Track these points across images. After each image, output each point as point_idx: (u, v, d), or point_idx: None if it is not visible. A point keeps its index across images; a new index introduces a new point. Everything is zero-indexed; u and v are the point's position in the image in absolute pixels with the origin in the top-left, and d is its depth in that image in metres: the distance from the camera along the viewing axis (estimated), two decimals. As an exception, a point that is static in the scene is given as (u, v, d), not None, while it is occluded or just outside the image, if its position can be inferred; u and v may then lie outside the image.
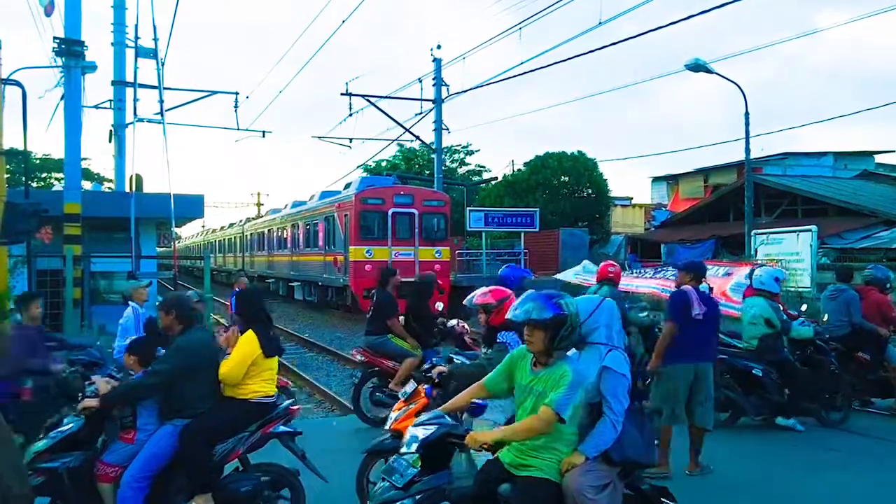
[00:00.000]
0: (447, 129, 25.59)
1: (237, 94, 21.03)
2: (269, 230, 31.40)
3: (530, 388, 3.49)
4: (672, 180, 37.69)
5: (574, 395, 3.34)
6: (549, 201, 32.05)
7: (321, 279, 23.35)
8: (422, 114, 25.44)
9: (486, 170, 44.78)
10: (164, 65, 14.44)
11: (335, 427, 8.13)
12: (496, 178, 37.70)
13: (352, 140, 26.94)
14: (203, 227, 56.04)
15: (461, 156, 44.53)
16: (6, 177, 9.66)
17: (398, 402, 5.29)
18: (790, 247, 14.76)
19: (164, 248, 24.74)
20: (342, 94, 24.83)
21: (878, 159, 35.33)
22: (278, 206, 34.28)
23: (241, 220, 40.70)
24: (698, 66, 17.18)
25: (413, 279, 10.71)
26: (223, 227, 46.30)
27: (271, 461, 4.80)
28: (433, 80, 24.88)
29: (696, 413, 5.95)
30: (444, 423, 3.59)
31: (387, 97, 25.59)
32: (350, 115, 25.40)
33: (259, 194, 64.50)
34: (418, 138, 26.95)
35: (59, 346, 6.80)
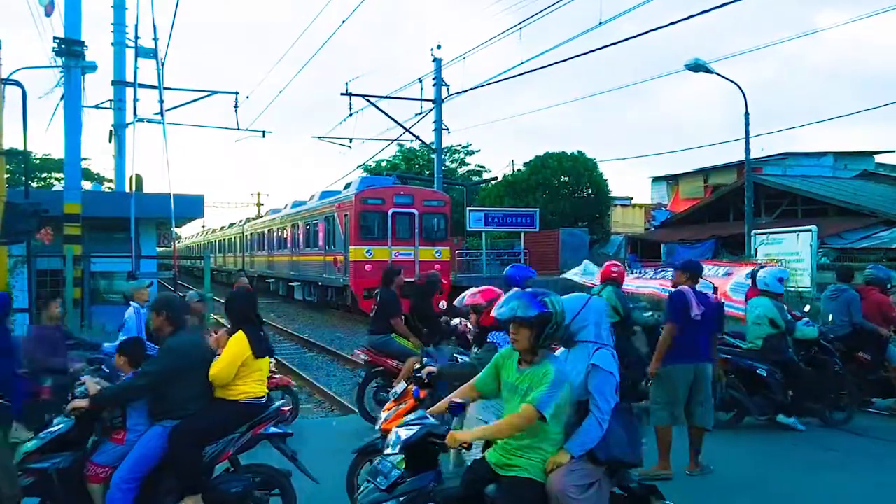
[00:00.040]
0: (447, 129, 25.60)
1: (237, 94, 21.12)
2: (269, 230, 31.40)
3: (516, 386, 3.47)
4: (672, 180, 37.71)
5: (556, 393, 3.31)
6: (549, 201, 32.06)
7: (321, 279, 23.35)
8: (422, 114, 25.46)
9: (486, 170, 44.82)
10: (164, 65, 14.47)
11: (335, 427, 8.13)
12: (496, 178, 37.73)
13: (352, 140, 26.99)
14: (203, 227, 56.11)
15: (461, 156, 44.55)
16: (6, 177, 9.66)
17: (389, 402, 5.30)
18: (790, 247, 14.74)
19: (164, 248, 24.78)
20: (342, 94, 24.86)
21: (878, 159, 35.37)
22: (278, 206, 34.31)
23: (241, 220, 40.70)
24: (698, 66, 17.18)
25: (413, 279, 10.71)
26: (223, 227, 46.29)
27: (263, 462, 4.79)
28: (433, 80, 24.88)
29: (696, 413, 5.95)
30: (427, 424, 3.58)
31: (387, 97, 25.61)
32: (350, 115, 25.45)
33: (259, 194, 64.62)
34: (418, 138, 26.96)
35: (78, 346, 6.83)
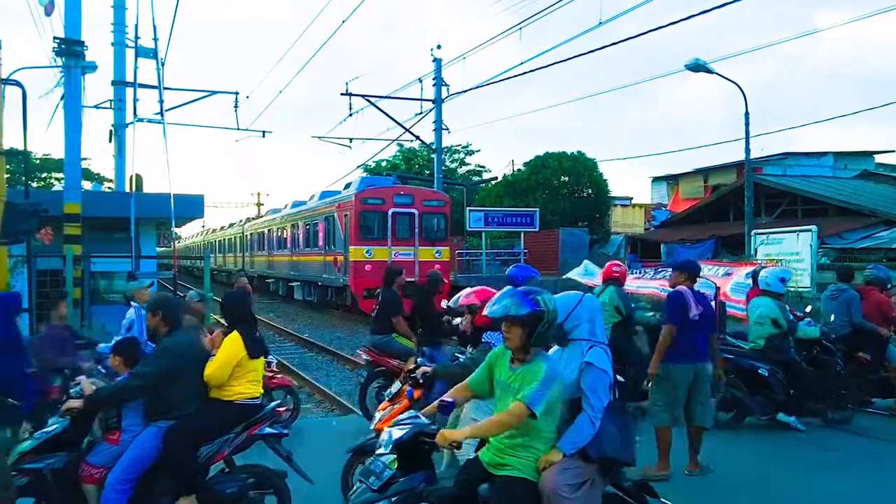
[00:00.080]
0: (447, 129, 25.60)
1: (237, 94, 21.04)
2: (269, 230, 31.40)
3: (508, 384, 3.46)
4: (672, 180, 37.72)
5: (547, 391, 3.29)
6: (549, 201, 32.08)
7: (321, 279, 23.35)
8: (422, 114, 25.46)
9: (486, 170, 44.85)
10: (164, 65, 14.43)
11: (335, 427, 8.13)
12: (496, 178, 37.74)
13: (352, 140, 27.00)
14: (203, 227, 56.11)
15: (461, 156, 44.57)
16: (6, 177, 9.65)
17: (384, 401, 5.30)
18: (790, 247, 14.75)
19: (164, 248, 24.76)
20: (342, 94, 24.87)
21: (878, 159, 35.39)
22: (278, 206, 34.31)
23: (241, 220, 40.70)
24: (698, 66, 17.18)
25: (413, 279, 10.72)
26: (223, 227, 46.30)
27: (258, 463, 4.78)
28: (433, 80, 24.89)
29: (696, 413, 5.95)
30: (418, 424, 3.58)
31: (387, 97, 25.61)
32: (350, 115, 25.46)
33: (259, 194, 64.66)
34: (418, 138, 26.96)
35: (87, 345, 6.83)
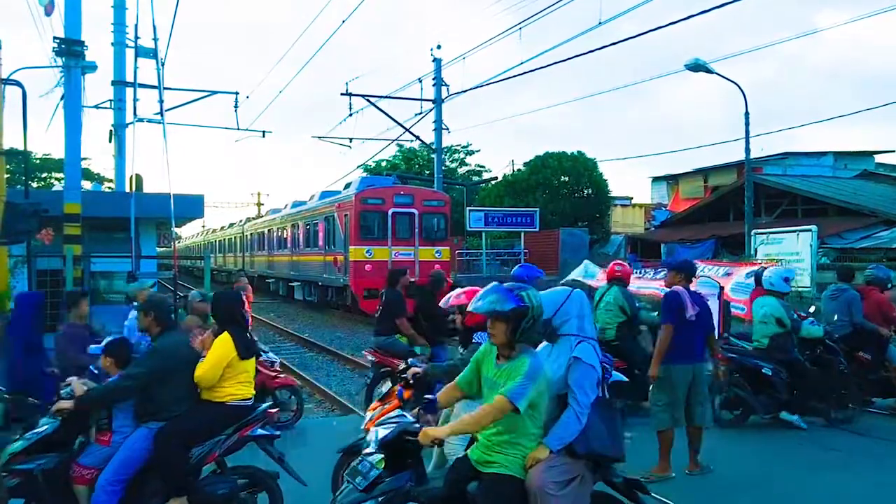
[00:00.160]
0: (447, 129, 25.59)
1: (237, 94, 21.01)
2: (269, 230, 31.40)
3: (494, 381, 3.45)
4: (672, 180, 37.70)
5: (530, 385, 3.28)
6: (549, 201, 32.08)
7: (321, 279, 23.34)
8: (422, 114, 25.45)
9: (486, 170, 44.85)
10: (164, 65, 14.37)
11: (335, 427, 8.13)
12: (496, 178, 37.74)
13: (352, 140, 26.98)
14: (203, 227, 56.12)
15: (461, 156, 44.58)
16: (6, 177, 9.65)
17: (374, 402, 5.30)
18: (790, 247, 14.76)
19: (164, 248, 24.75)
20: (342, 94, 24.86)
21: (878, 159, 35.38)
22: (278, 206, 34.31)
23: (241, 220, 40.69)
24: (698, 66, 17.18)
25: (413, 279, 10.73)
26: (223, 227, 46.28)
27: (250, 464, 4.77)
28: (433, 80, 24.87)
29: (696, 413, 5.95)
30: (402, 422, 3.58)
31: (387, 97, 25.60)
32: (350, 115, 25.45)
33: (259, 194, 64.69)
34: (418, 138, 26.95)
35: None
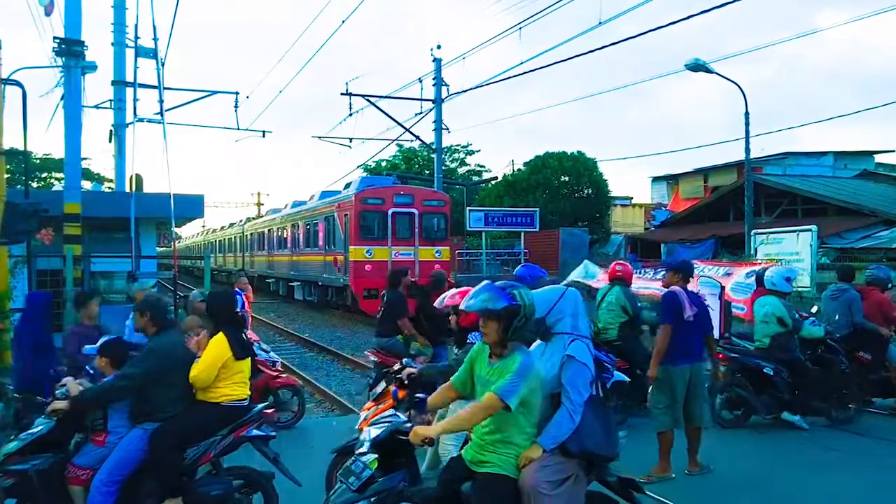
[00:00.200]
0: (447, 129, 25.58)
1: (237, 94, 20.96)
2: (269, 230, 31.40)
3: (487, 380, 3.44)
4: (672, 180, 37.69)
5: (520, 383, 3.27)
6: (549, 201, 32.07)
7: (321, 279, 23.34)
8: (422, 114, 25.44)
9: (486, 170, 44.85)
10: (164, 65, 14.35)
11: (335, 427, 8.12)
12: (496, 178, 37.71)
13: (352, 140, 26.97)
14: (203, 227, 56.14)
15: (461, 156, 44.57)
16: (6, 177, 9.65)
17: (368, 402, 5.29)
18: (790, 246, 14.72)
19: (164, 248, 24.77)
20: (342, 94, 24.84)
21: (878, 159, 35.38)
22: (278, 206, 34.31)
23: (241, 220, 40.70)
24: (698, 66, 17.17)
25: (413, 279, 10.73)
26: (223, 227, 46.29)
27: (245, 465, 4.77)
28: (433, 80, 24.87)
29: (694, 414, 5.95)
30: (394, 422, 3.58)
31: (387, 97, 25.60)
32: (350, 115, 25.44)
33: (259, 194, 64.76)
34: (418, 138, 26.95)
35: None
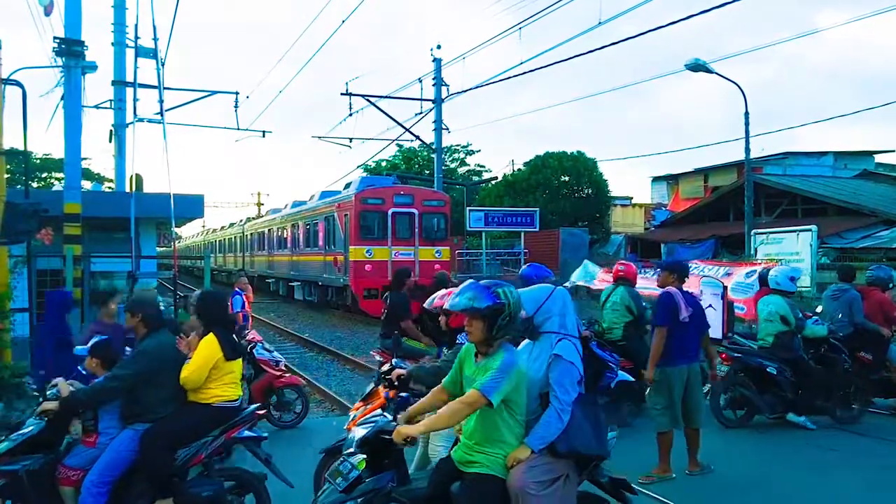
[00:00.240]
0: (447, 129, 25.59)
1: (237, 94, 20.96)
2: (269, 230, 31.40)
3: (473, 378, 3.43)
4: (672, 180, 37.70)
5: (503, 379, 3.26)
6: (549, 201, 32.07)
7: (321, 279, 23.34)
8: (422, 114, 25.45)
9: (486, 170, 44.86)
10: (164, 65, 14.33)
11: (335, 427, 8.12)
12: (496, 178, 37.72)
13: (352, 140, 26.98)
14: (203, 227, 56.15)
15: (461, 156, 44.57)
16: (6, 177, 9.63)
17: (357, 402, 5.29)
18: (790, 246, 14.71)
19: (164, 248, 24.77)
20: (342, 94, 24.85)
21: (878, 159, 35.39)
22: (278, 206, 34.31)
23: (241, 220, 40.70)
24: (698, 66, 17.17)
25: (413, 280, 10.72)
26: (223, 227, 46.30)
27: (237, 466, 4.77)
28: (433, 80, 24.87)
29: (692, 414, 5.95)
30: (379, 422, 3.57)
31: (387, 97, 25.60)
32: (350, 115, 25.45)
33: (259, 194, 64.77)
34: (418, 138, 26.95)
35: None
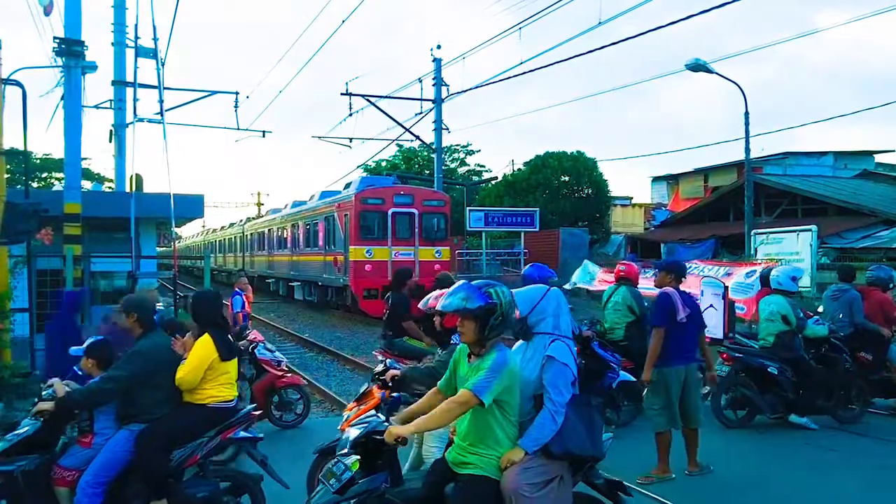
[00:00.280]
0: (447, 129, 25.59)
1: (237, 94, 20.94)
2: (269, 230, 31.39)
3: (466, 379, 3.43)
4: (672, 180, 37.70)
5: (494, 378, 3.26)
6: (549, 201, 32.07)
7: (321, 279, 23.33)
8: (422, 114, 25.45)
9: (486, 170, 44.85)
10: (164, 65, 14.32)
11: (336, 427, 8.12)
12: (496, 178, 37.72)
13: (352, 140, 26.99)
14: (203, 226, 56.13)
15: (461, 156, 44.58)
16: (6, 177, 9.64)
17: (351, 402, 5.29)
18: (790, 246, 14.72)
19: (164, 248, 24.77)
20: (342, 94, 24.86)
21: (878, 159, 35.38)
22: (278, 206, 34.31)
23: (241, 220, 40.69)
24: (698, 66, 17.17)
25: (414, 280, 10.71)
26: (223, 227, 46.30)
27: (233, 467, 4.81)
28: (433, 80, 24.88)
29: (690, 414, 5.95)
30: (372, 422, 3.57)
31: (387, 97, 25.61)
32: (350, 115, 25.46)
33: (259, 194, 64.76)
34: (418, 138, 26.95)
35: None
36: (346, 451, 3.52)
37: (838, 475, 6.06)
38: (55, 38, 10.78)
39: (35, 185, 33.27)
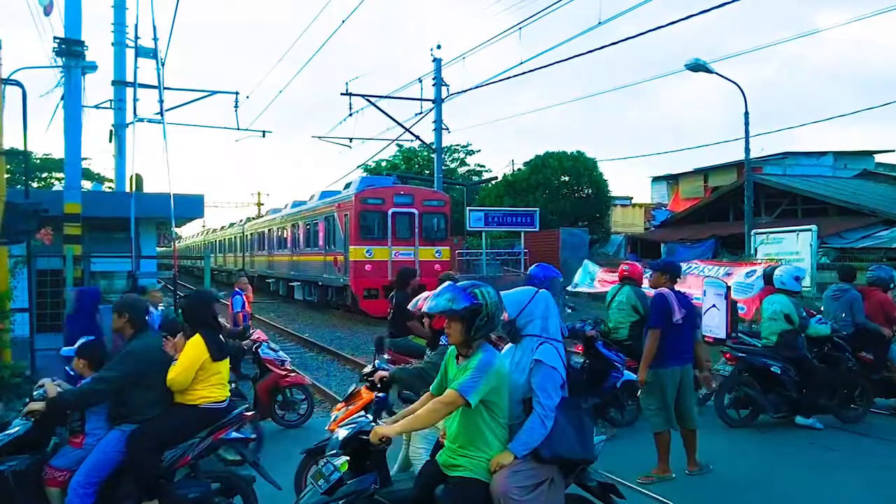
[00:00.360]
0: (447, 129, 25.58)
1: (237, 94, 20.93)
2: (269, 230, 31.39)
3: (453, 380, 3.44)
4: (672, 180, 37.69)
5: (480, 378, 3.27)
6: (549, 201, 32.05)
7: (321, 279, 23.33)
8: (422, 114, 25.44)
9: (486, 170, 44.82)
10: (164, 65, 14.32)
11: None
12: (496, 178, 37.69)
13: (352, 140, 26.96)
14: (203, 226, 56.12)
15: (461, 156, 44.55)
16: (6, 177, 9.63)
17: (339, 402, 5.27)
18: (790, 246, 14.72)
19: (164, 248, 24.76)
20: (342, 94, 24.84)
21: (878, 159, 35.37)
22: (278, 206, 34.30)
23: (241, 220, 40.68)
24: (698, 66, 17.16)
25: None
26: (223, 227, 46.28)
27: (225, 468, 4.77)
28: (433, 80, 24.86)
29: (686, 415, 5.95)
30: (360, 423, 3.59)
31: (387, 97, 25.59)
32: (350, 115, 25.43)
33: (259, 194, 64.66)
34: (418, 138, 26.94)
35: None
36: (335, 451, 3.52)
37: (839, 475, 6.06)
38: (55, 38, 10.77)
39: (35, 185, 33.27)
